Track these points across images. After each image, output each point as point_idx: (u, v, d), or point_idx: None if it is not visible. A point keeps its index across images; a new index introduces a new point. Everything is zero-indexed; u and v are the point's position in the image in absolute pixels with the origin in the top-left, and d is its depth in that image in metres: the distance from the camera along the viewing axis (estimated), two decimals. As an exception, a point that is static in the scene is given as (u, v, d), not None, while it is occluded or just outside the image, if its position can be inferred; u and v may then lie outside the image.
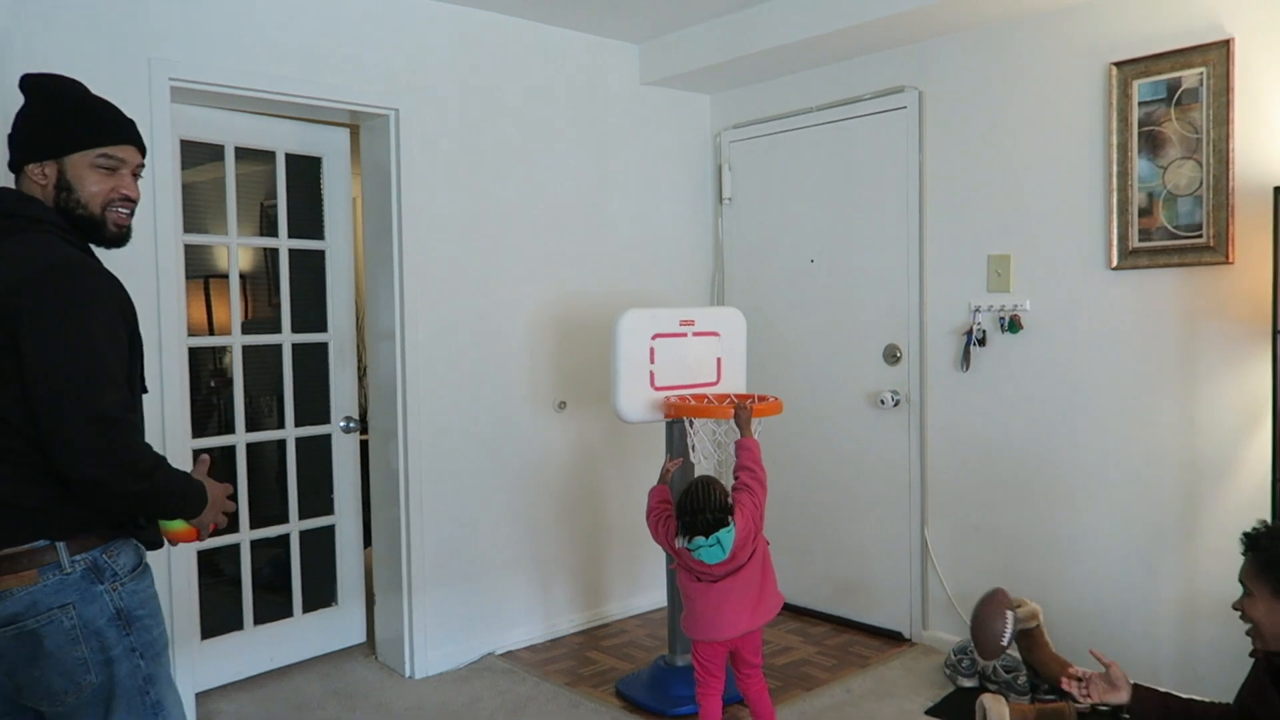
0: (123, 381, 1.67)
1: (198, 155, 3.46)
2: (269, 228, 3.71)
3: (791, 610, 4.29)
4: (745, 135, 4.43)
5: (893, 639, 3.91)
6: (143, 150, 1.85)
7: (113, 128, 1.80)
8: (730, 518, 2.73)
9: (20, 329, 1.60)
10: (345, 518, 3.89)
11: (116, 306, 1.70)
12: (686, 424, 3.21)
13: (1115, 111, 3.23)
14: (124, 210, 1.81)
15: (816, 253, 4.18)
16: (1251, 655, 2.28)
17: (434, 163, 3.63)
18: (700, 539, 2.69)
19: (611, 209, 4.19)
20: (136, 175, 1.84)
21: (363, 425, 3.98)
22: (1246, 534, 2.20)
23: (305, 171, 3.75)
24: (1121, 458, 3.29)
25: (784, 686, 3.46)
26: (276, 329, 3.67)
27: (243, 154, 3.55)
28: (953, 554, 3.76)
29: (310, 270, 3.77)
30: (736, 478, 2.92)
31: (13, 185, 1.80)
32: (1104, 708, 2.62)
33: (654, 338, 3.26)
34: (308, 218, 3.76)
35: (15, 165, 1.79)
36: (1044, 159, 3.44)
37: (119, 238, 1.83)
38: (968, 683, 3.37)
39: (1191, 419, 3.13)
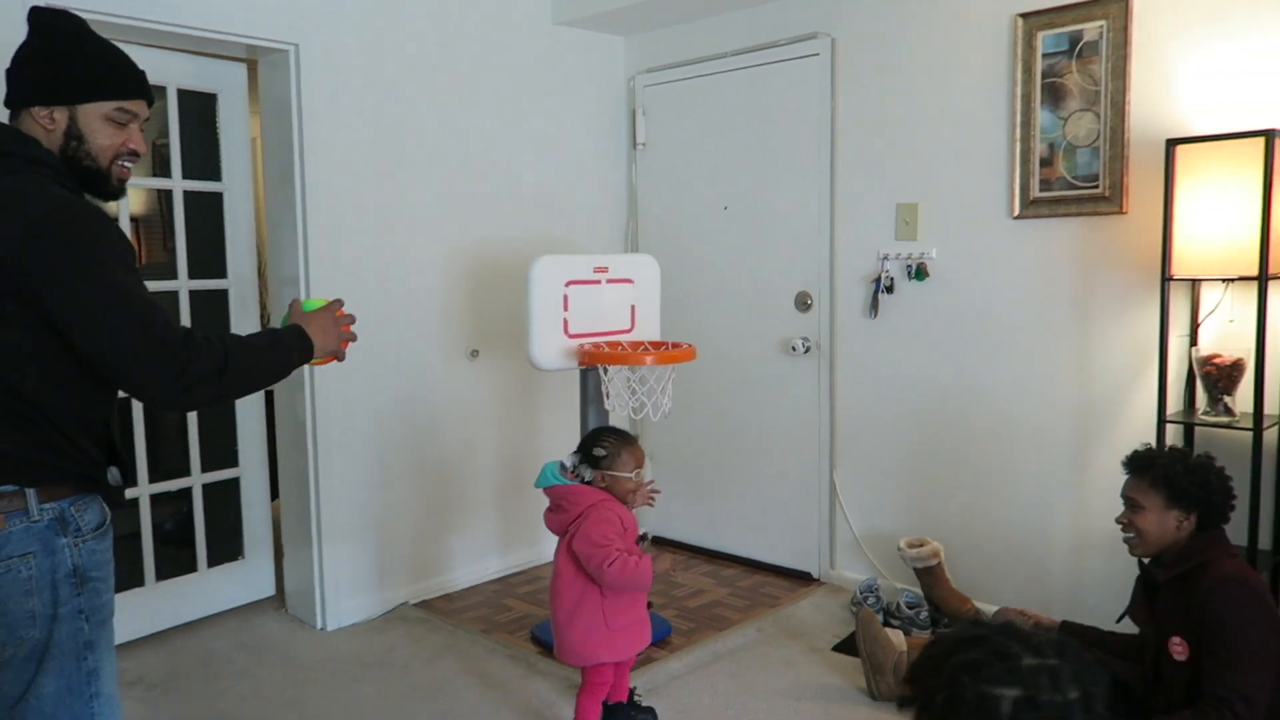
0: (155, 303, 1.64)
1: (81, 89, 3.25)
2: (161, 168, 3.52)
3: (704, 553, 4.37)
4: (660, 79, 4.38)
5: (802, 579, 4.03)
6: (151, 103, 1.80)
7: (130, 81, 1.75)
8: (579, 468, 2.62)
9: (38, 284, 1.54)
10: (250, 469, 3.78)
11: (118, 238, 1.65)
12: (601, 371, 3.20)
13: (1020, 62, 3.29)
14: (128, 165, 1.77)
15: (730, 199, 4.18)
16: (1139, 567, 2.56)
17: (337, 102, 3.49)
18: (551, 462, 2.68)
19: (523, 152, 4.11)
20: (142, 129, 1.79)
21: (267, 375, 3.85)
22: (1134, 455, 2.49)
23: (200, 109, 3.57)
24: (1020, 401, 3.41)
25: (697, 628, 3.53)
26: (172, 274, 3.51)
27: (131, 89, 3.34)
28: (860, 496, 3.87)
29: (207, 213, 3.61)
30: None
31: (5, 121, 1.71)
32: None
33: (567, 284, 3.22)
34: (203, 158, 3.59)
35: (15, 104, 1.70)
36: (952, 109, 3.49)
37: (119, 191, 1.79)
38: (873, 618, 3.50)
39: (1085, 363, 3.27)
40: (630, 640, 2.62)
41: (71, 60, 1.70)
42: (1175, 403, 3.04)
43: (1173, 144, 2.84)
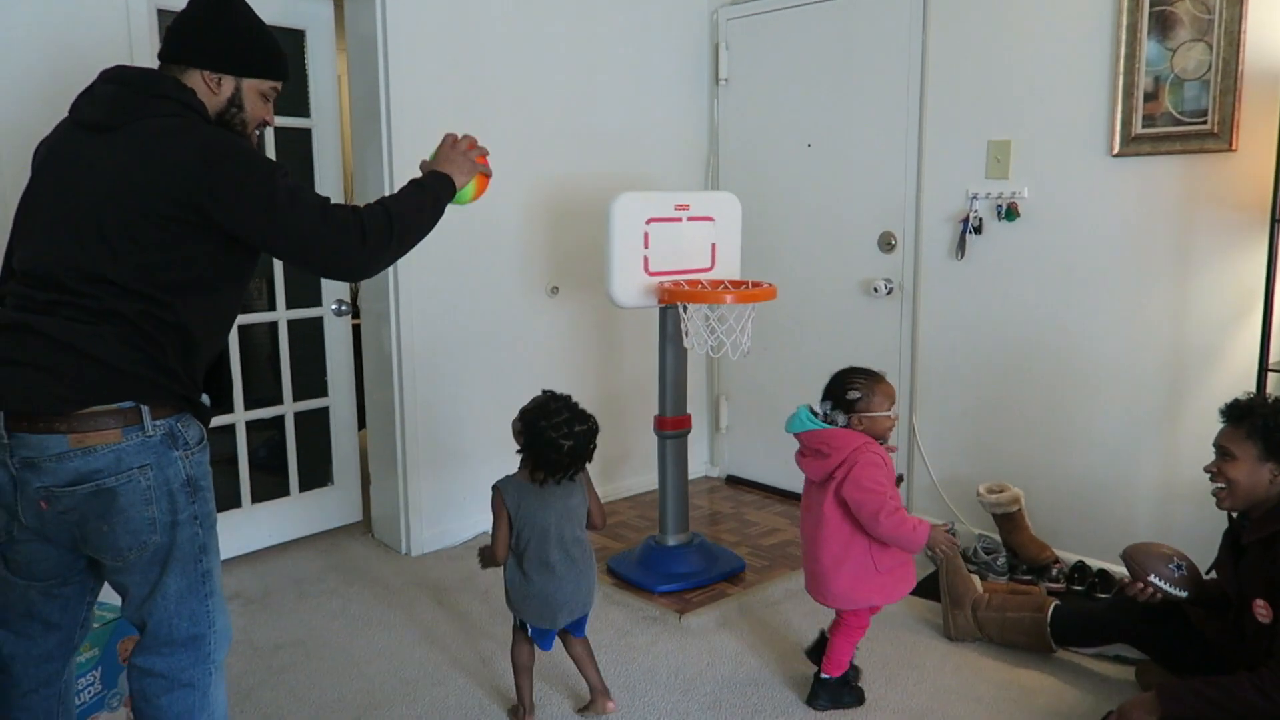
0: (322, 195, 1.83)
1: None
2: (253, 104, 3.60)
3: (779, 494, 4.39)
4: (744, 13, 4.28)
5: (877, 521, 4.01)
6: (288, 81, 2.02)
7: (286, 65, 1.97)
8: (832, 415, 2.51)
9: (218, 202, 1.70)
10: (339, 399, 3.92)
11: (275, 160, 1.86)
12: (680, 309, 3.20)
13: (1127, -10, 3.12)
14: (260, 133, 2.01)
15: (814, 136, 4.10)
16: (1229, 521, 2.50)
17: (422, 38, 3.51)
18: (804, 405, 2.57)
19: (605, 87, 4.08)
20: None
21: (354, 309, 3.96)
22: (1233, 403, 2.40)
23: (289, 45, 3.60)
24: (1112, 346, 3.31)
25: (770, 565, 3.56)
26: (264, 209, 3.61)
27: (223, 25, 3.42)
28: (939, 440, 3.82)
29: (297, 149, 3.69)
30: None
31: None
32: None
33: (648, 222, 3.22)
34: (292, 94, 3.65)
35: (178, 60, 1.86)
36: (1051, 40, 3.34)
37: None
38: (948, 563, 3.48)
39: (1183, 308, 3.14)
40: (898, 583, 2.55)
41: (248, 38, 1.89)
42: (1279, 351, 2.91)
43: (1290, 76, 2.68)
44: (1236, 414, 2.38)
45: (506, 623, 3.10)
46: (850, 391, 2.51)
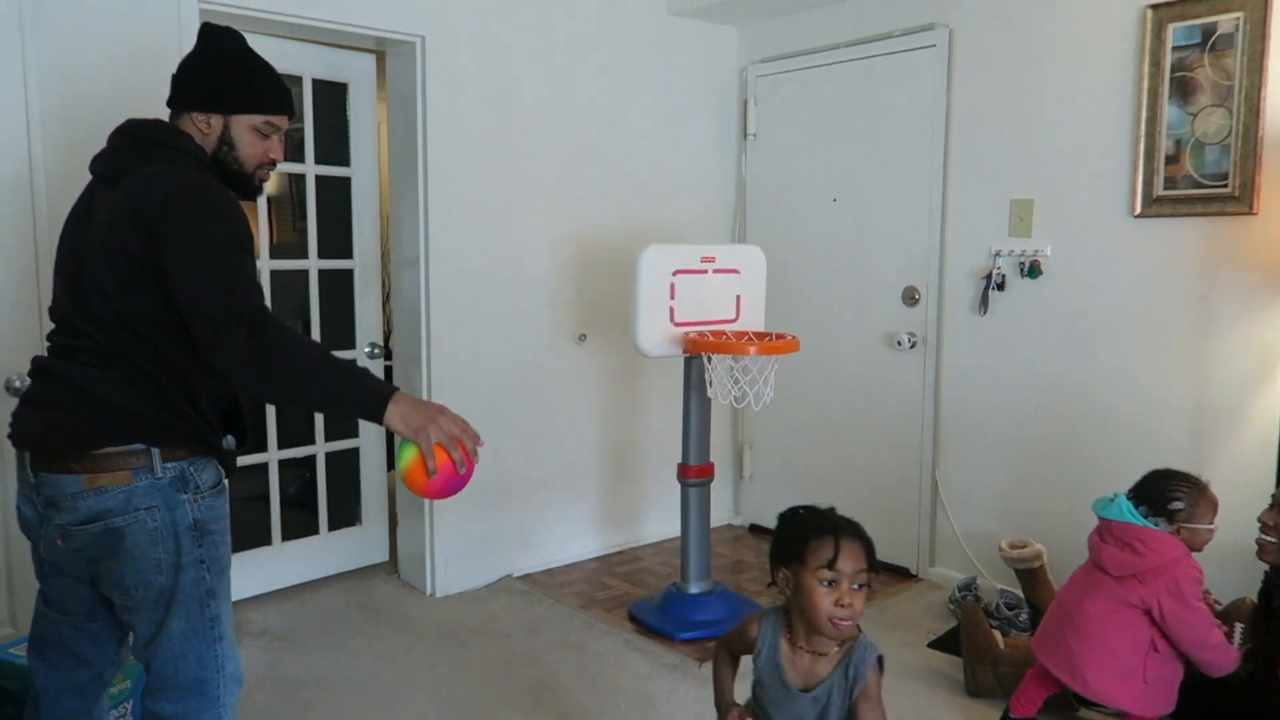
0: (251, 278, 1.74)
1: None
2: (294, 152, 3.73)
3: (801, 543, 4.39)
4: (772, 70, 4.39)
5: (900, 574, 4.01)
6: (291, 117, 1.99)
7: (279, 97, 1.95)
8: (1159, 519, 2.44)
9: (163, 247, 1.70)
10: (369, 440, 3.99)
11: (241, 219, 1.80)
12: (705, 360, 3.26)
13: (1148, 55, 3.19)
14: (269, 170, 1.99)
15: (839, 192, 4.17)
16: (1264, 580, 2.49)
17: (459, 91, 3.64)
18: (1123, 493, 2.51)
19: (635, 141, 4.19)
20: (281, 140, 2.00)
21: (387, 351, 4.05)
22: None
23: (332, 97, 3.77)
24: (1132, 405, 3.32)
25: (791, 615, 3.56)
26: (303, 254, 3.73)
27: (270, 79, 3.55)
28: (962, 494, 3.83)
29: (336, 196, 3.81)
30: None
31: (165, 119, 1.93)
32: None
33: (675, 273, 3.29)
34: (334, 144, 3.79)
35: (177, 106, 1.92)
36: (1073, 103, 3.41)
37: (257, 192, 2.02)
38: (970, 617, 3.46)
39: (1204, 368, 3.16)
40: (1157, 701, 2.47)
41: (231, 75, 1.91)
42: (1301, 413, 2.92)
43: (1310, 143, 2.72)
44: None
45: (529, 667, 3.13)
46: (1174, 502, 2.46)
